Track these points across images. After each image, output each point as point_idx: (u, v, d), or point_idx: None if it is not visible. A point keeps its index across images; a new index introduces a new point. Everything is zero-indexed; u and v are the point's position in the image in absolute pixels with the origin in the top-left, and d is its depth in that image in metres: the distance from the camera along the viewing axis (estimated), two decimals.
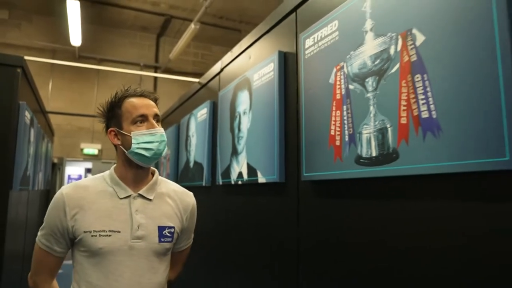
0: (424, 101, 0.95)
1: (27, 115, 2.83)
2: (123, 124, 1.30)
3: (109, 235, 1.23)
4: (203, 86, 3.15)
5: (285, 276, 1.60)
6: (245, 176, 2.03)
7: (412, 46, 1.00)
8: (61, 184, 8.63)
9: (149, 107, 1.32)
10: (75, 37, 7.55)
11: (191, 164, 3.15)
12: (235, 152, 2.20)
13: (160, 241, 1.30)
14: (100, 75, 9.38)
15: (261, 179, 1.83)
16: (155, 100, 1.38)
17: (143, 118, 1.29)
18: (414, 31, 1.00)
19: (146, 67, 10.34)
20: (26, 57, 2.77)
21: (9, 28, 8.85)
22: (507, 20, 0.78)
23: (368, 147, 1.13)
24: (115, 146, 1.35)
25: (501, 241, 0.78)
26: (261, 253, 1.84)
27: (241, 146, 2.12)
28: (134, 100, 1.31)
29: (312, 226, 1.45)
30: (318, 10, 1.53)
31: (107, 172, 1.37)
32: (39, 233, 1.29)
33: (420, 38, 0.98)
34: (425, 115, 0.94)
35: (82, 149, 9.54)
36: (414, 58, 0.99)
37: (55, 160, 8.33)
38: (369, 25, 1.17)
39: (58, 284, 1.37)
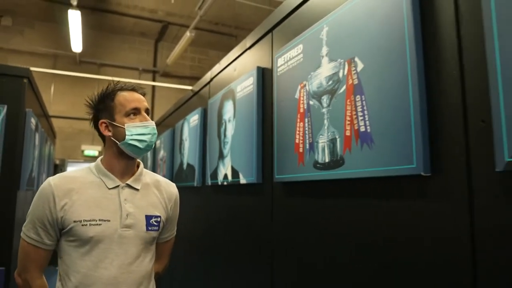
0: (362, 118, 1.15)
1: (33, 121, 3.02)
2: (116, 116, 1.31)
3: (99, 224, 1.24)
4: (196, 93, 3.34)
5: (262, 264, 1.80)
6: (229, 177, 2.22)
7: (355, 71, 1.20)
8: None
9: (140, 101, 1.35)
10: (76, 44, 7.74)
11: (185, 166, 3.34)
12: (221, 156, 2.39)
13: (147, 229, 1.33)
14: (100, 79, 9.57)
15: (242, 180, 2.03)
16: (143, 95, 1.42)
17: (136, 111, 1.32)
18: (356, 59, 1.20)
19: (144, 71, 10.52)
20: (32, 68, 2.95)
21: (13, 35, 9.02)
22: (416, 59, 0.97)
23: (323, 154, 1.32)
24: (103, 137, 1.38)
25: (412, 233, 0.98)
26: (243, 246, 2.03)
27: (226, 150, 2.32)
28: (126, 94, 1.34)
29: (283, 221, 1.64)
30: (289, 33, 1.72)
31: (92, 164, 1.38)
32: (24, 229, 1.27)
33: (360, 65, 1.18)
34: (362, 129, 1.14)
35: (83, 151, 9.71)
36: (356, 81, 1.19)
37: (57, 162, 8.49)
38: (325, 51, 1.37)
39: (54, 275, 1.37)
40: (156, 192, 1.43)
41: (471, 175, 0.84)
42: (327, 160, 1.30)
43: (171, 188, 1.52)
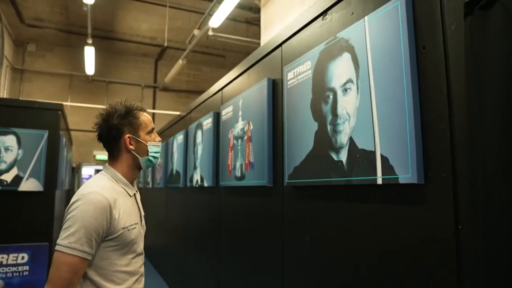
0: (251, 155, 2.05)
1: (64, 140, 3.91)
2: (140, 133, 1.37)
3: (135, 227, 1.32)
4: (181, 118, 4.24)
5: (210, 247, 2.71)
6: (199, 182, 3.12)
7: (250, 129, 2.10)
8: (79, 184, 9.52)
9: (152, 121, 1.45)
10: (89, 69, 8.61)
11: (174, 172, 4.23)
12: (195, 167, 3.29)
13: (146, 226, 1.51)
14: (109, 94, 10.43)
15: (205, 184, 2.93)
16: None
17: (152, 130, 1.43)
18: (250, 122, 2.10)
19: (146, 86, 11.39)
20: (64, 103, 3.82)
21: (36, 58, 9.88)
22: (267, 131, 1.88)
23: (238, 172, 2.23)
24: (115, 149, 1.37)
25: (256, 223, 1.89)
26: (204, 228, 2.94)
27: (197, 163, 3.22)
28: (146, 114, 1.43)
29: (226, 211, 2.55)
30: (228, 96, 2.63)
31: (109, 174, 1.36)
32: (76, 245, 1.15)
33: (251, 126, 2.08)
34: (251, 160, 2.05)
35: (94, 156, 10.57)
36: (250, 135, 2.09)
37: (74, 165, 9.33)
38: (240, 113, 2.27)
39: None
40: (138, 195, 1.52)
41: (283, 186, 1.75)
42: (239, 175, 2.21)
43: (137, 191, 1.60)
